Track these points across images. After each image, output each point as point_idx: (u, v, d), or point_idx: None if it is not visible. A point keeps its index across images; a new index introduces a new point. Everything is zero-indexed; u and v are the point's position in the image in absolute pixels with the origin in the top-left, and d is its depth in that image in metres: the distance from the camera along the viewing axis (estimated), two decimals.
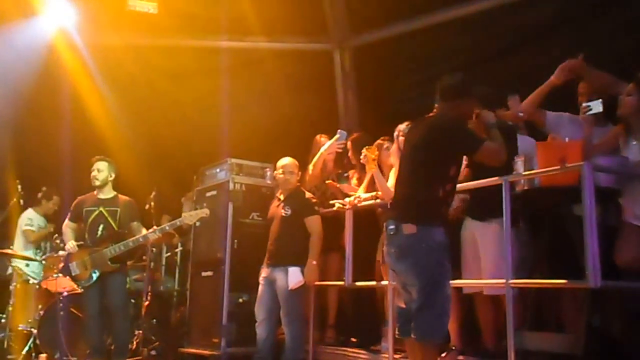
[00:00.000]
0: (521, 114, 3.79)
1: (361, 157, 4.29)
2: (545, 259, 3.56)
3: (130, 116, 6.63)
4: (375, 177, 4.19)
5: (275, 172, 4.83)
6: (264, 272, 4.63)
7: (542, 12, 5.33)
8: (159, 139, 6.83)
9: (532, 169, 3.35)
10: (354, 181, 4.81)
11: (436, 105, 3.15)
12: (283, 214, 4.60)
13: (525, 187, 3.42)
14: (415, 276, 2.92)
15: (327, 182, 4.96)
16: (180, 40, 6.33)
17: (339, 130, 4.86)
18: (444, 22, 5.90)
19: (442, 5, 5.84)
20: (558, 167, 3.16)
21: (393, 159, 4.22)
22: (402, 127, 4.07)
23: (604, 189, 3.27)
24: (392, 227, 3.00)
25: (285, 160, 4.77)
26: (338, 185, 4.84)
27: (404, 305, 3.04)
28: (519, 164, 3.42)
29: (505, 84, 4.96)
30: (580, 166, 3.05)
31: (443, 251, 2.93)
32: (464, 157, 3.36)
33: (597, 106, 3.52)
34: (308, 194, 4.73)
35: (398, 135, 4.14)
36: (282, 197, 4.72)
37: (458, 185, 3.31)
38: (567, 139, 3.35)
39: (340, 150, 4.90)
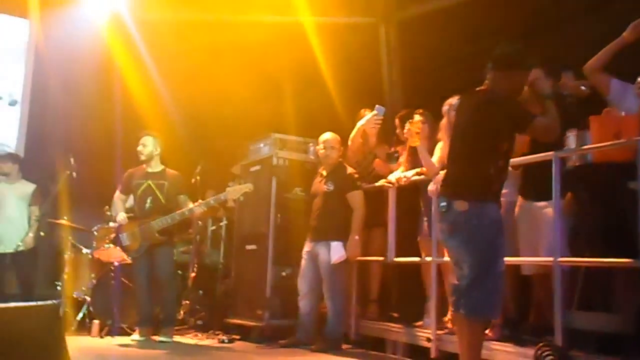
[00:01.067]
0: (584, 88, 3.60)
1: (404, 130, 4.24)
2: (597, 236, 3.45)
3: (176, 92, 6.73)
4: (420, 152, 4.14)
5: (317, 147, 4.83)
6: (306, 247, 4.67)
7: None
8: (205, 115, 6.92)
9: (586, 144, 3.24)
10: (402, 159, 4.76)
11: (487, 76, 3.04)
12: (325, 189, 4.62)
13: (577, 163, 3.31)
14: (468, 253, 2.89)
15: (375, 160, 4.93)
16: (223, 15, 6.33)
17: (376, 106, 4.80)
18: None
19: None
20: (612, 142, 3.04)
21: (442, 134, 4.15)
22: (453, 101, 3.95)
23: None
24: (444, 203, 2.97)
25: (327, 136, 4.77)
26: (385, 164, 4.79)
27: (457, 282, 3.03)
28: (571, 138, 3.31)
29: (557, 60, 4.78)
30: (637, 141, 2.92)
31: (496, 228, 2.89)
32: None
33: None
34: (350, 169, 4.72)
35: (449, 110, 4.03)
36: (324, 173, 4.73)
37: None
38: (623, 113, 3.22)
39: (378, 126, 4.85)
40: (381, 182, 4.57)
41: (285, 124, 5.89)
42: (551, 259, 3.28)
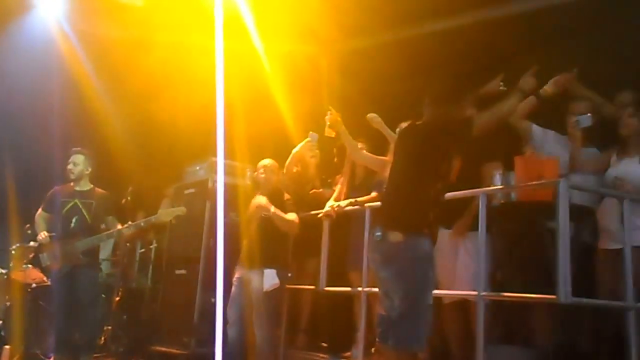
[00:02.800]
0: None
1: (326, 118, 4.31)
2: (518, 273, 3.59)
3: (115, 110, 6.55)
4: (345, 141, 4.16)
5: (256, 172, 4.80)
6: (237, 273, 4.59)
7: (536, 25, 5.40)
8: (142, 135, 6.77)
9: (510, 183, 3.39)
10: (339, 187, 4.80)
11: (425, 111, 3.08)
12: (263, 214, 4.58)
13: (502, 201, 3.45)
14: (399, 284, 2.90)
15: (311, 191, 4.95)
16: (166, 35, 6.27)
17: (310, 133, 4.85)
18: (434, 32, 5.94)
19: (433, 15, 5.87)
20: (535, 182, 3.20)
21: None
22: (405, 124, 3.99)
23: (579, 207, 3.32)
24: (378, 233, 2.97)
25: (266, 161, 4.76)
26: (320, 190, 4.83)
27: (384, 312, 3.04)
28: (497, 177, 3.45)
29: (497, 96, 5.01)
30: (556, 183, 3.08)
31: (428, 261, 2.92)
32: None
33: (586, 120, 3.57)
34: (287, 196, 4.71)
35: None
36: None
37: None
38: (544, 156, 3.40)
39: (313, 153, 4.89)
40: (318, 212, 4.57)
41: (226, 149, 5.82)
42: (475, 292, 3.37)
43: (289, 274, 4.50)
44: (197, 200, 5.26)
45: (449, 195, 3.49)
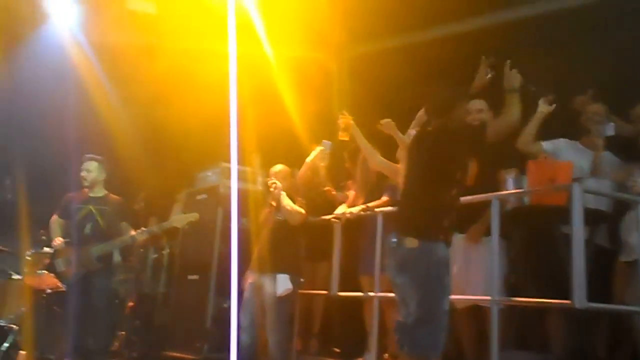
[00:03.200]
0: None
1: (339, 122, 4.31)
2: (532, 277, 3.57)
3: (127, 117, 6.60)
4: (358, 140, 4.16)
5: (268, 178, 4.81)
6: (250, 278, 4.60)
7: (534, 30, 5.41)
8: (154, 141, 6.81)
9: (523, 187, 3.37)
10: (351, 193, 4.81)
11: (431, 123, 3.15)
12: (276, 219, 4.59)
13: (515, 205, 3.44)
14: (415, 290, 2.90)
15: (325, 188, 4.97)
16: (180, 43, 6.32)
17: (323, 141, 4.86)
18: (443, 37, 5.95)
19: (442, 21, 5.88)
20: (548, 186, 3.18)
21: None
22: (413, 131, 3.89)
23: (593, 211, 3.29)
24: (394, 239, 2.98)
25: (278, 167, 4.78)
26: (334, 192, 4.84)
27: (402, 319, 3.03)
28: (510, 181, 3.44)
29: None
30: (570, 186, 3.06)
31: (444, 267, 2.92)
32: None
33: (609, 129, 3.55)
34: (299, 200, 4.72)
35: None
36: (274, 204, 4.71)
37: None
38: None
39: (325, 160, 4.90)
40: (329, 217, 4.58)
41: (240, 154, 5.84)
42: (489, 297, 3.35)
43: (301, 279, 4.50)
44: (209, 206, 5.29)
45: (462, 200, 3.51)
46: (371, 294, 4.17)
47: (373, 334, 4.08)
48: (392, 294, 3.94)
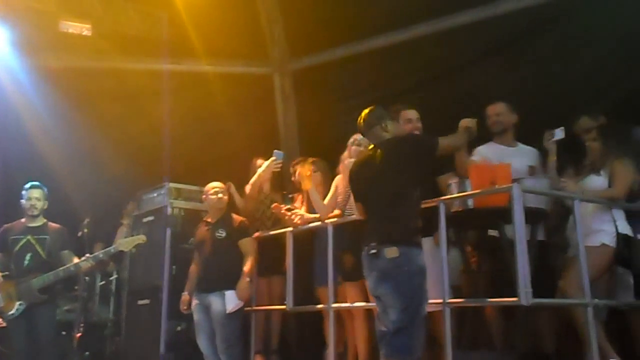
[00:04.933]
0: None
1: (295, 176, 4.28)
2: (480, 278, 3.65)
3: (69, 139, 6.40)
4: (310, 195, 4.19)
5: (206, 194, 4.74)
6: (196, 299, 4.51)
7: (479, 38, 5.59)
8: (95, 164, 6.62)
9: (466, 191, 3.45)
10: (297, 204, 4.80)
11: (367, 135, 3.29)
12: (217, 236, 4.54)
13: (459, 208, 3.52)
14: (397, 298, 2.96)
15: (273, 205, 4.95)
16: (116, 63, 6.19)
17: (274, 151, 4.85)
18: (383, 47, 6.07)
19: (381, 31, 6.00)
20: (489, 188, 3.27)
21: (342, 167, 4.21)
22: (358, 136, 4.01)
23: (533, 210, 3.40)
24: (373, 250, 3.02)
25: (216, 183, 4.74)
26: (283, 208, 4.81)
27: (384, 328, 3.05)
28: (453, 186, 3.52)
29: (443, 109, 5.15)
30: (510, 188, 3.16)
31: (423, 273, 3.00)
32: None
33: (560, 133, 3.69)
34: (238, 217, 4.70)
35: (354, 143, 4.10)
36: (212, 220, 4.66)
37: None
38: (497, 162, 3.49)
39: (277, 170, 4.89)
40: (284, 230, 4.55)
41: (182, 173, 5.76)
42: (440, 300, 3.41)
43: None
44: (157, 227, 5.17)
45: None
46: (324, 305, 4.16)
47: (330, 346, 4.07)
48: (346, 304, 3.99)
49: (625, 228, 3.54)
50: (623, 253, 3.49)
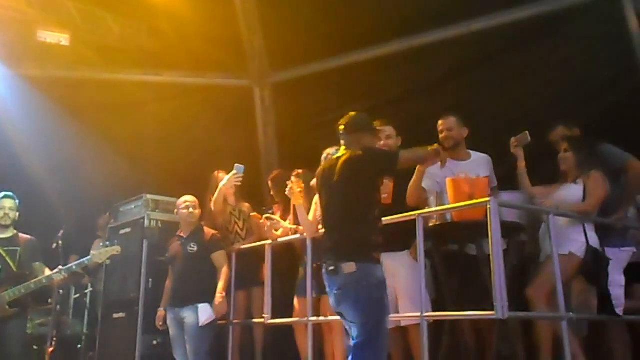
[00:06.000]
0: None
1: (286, 190, 4.27)
2: (457, 292, 3.67)
3: (46, 148, 6.31)
4: (298, 211, 4.18)
5: (177, 208, 4.73)
6: (170, 313, 4.48)
7: (456, 53, 5.67)
8: (72, 174, 6.52)
9: (444, 204, 3.48)
10: (277, 217, 4.78)
11: (341, 140, 3.26)
12: (189, 251, 4.52)
13: (437, 222, 3.54)
14: (356, 314, 2.94)
15: (252, 214, 4.92)
16: (94, 73, 6.14)
17: (235, 165, 4.83)
18: (362, 61, 6.12)
19: (360, 45, 6.05)
20: (466, 202, 3.30)
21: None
22: (331, 150, 4.00)
23: (509, 224, 3.44)
24: (331, 267, 3.01)
25: (188, 197, 4.73)
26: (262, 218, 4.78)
27: (350, 344, 3.03)
28: (431, 200, 3.55)
29: (422, 122, 5.20)
30: (487, 202, 3.19)
31: (382, 288, 2.97)
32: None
33: (525, 138, 3.75)
34: (210, 230, 4.67)
35: (326, 158, 4.06)
36: (184, 235, 4.65)
37: None
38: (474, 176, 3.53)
39: (238, 184, 4.86)
40: (262, 242, 4.53)
41: (159, 185, 5.70)
42: (418, 314, 3.41)
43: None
44: (134, 239, 5.10)
45: (387, 219, 3.57)
46: (304, 319, 4.13)
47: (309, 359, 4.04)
48: (324, 318, 3.97)
49: (595, 242, 3.59)
50: (589, 266, 3.52)
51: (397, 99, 5.97)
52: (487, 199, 3.21)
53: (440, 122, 4.01)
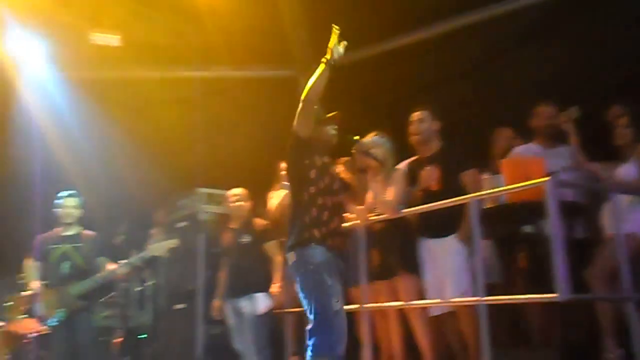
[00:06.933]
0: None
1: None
2: (516, 275, 3.59)
3: (98, 150, 6.54)
4: (373, 188, 4.15)
5: (227, 201, 4.81)
6: (228, 304, 4.58)
7: (508, 29, 5.51)
8: (127, 172, 6.74)
9: (499, 187, 3.40)
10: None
11: None
12: (242, 242, 4.60)
13: (492, 205, 3.46)
14: (304, 301, 2.99)
15: None
16: (144, 71, 6.29)
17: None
18: (407, 45, 6.03)
19: (404, 30, 5.96)
20: (522, 183, 3.21)
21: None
22: (370, 138, 3.98)
23: (569, 204, 3.33)
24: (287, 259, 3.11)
25: (237, 190, 4.80)
26: None
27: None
28: (486, 182, 3.47)
29: (467, 105, 5.09)
30: (544, 182, 3.10)
31: (322, 270, 2.97)
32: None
33: (575, 111, 3.63)
34: (261, 221, 4.73)
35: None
36: (235, 226, 4.72)
37: (424, 206, 3.44)
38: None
39: None
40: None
41: (210, 178, 5.82)
42: (476, 298, 3.36)
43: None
44: (190, 232, 5.24)
45: (439, 204, 3.53)
46: (356, 306, 4.14)
47: (366, 347, 4.05)
48: (378, 304, 3.97)
49: None
50: None
51: (440, 82, 5.86)
52: (545, 178, 3.11)
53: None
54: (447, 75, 5.81)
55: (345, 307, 4.25)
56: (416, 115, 3.90)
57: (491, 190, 3.42)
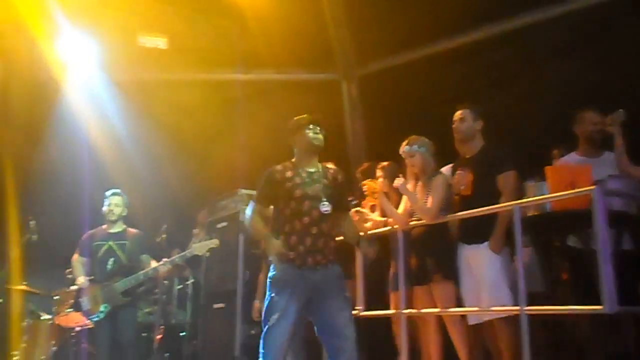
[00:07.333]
0: None
1: (364, 189, 4.25)
2: (560, 285, 3.50)
3: (143, 150, 6.71)
4: (383, 203, 4.15)
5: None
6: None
7: (542, 39, 5.40)
8: (170, 172, 6.89)
9: (543, 194, 3.33)
10: (366, 210, 4.78)
11: None
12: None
13: (535, 213, 3.39)
14: None
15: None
16: (189, 74, 6.42)
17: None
18: (449, 50, 5.97)
19: (447, 34, 5.91)
20: (568, 191, 3.14)
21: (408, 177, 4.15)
22: (408, 145, 3.97)
23: (617, 213, 3.23)
24: None
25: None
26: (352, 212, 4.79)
27: None
28: (530, 189, 3.40)
29: (510, 110, 5.00)
30: (591, 190, 3.02)
31: (274, 285, 3.12)
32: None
33: (622, 114, 3.52)
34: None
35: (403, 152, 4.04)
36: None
37: (463, 213, 3.46)
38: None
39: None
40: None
41: (251, 180, 5.88)
42: (518, 307, 3.30)
43: None
44: (230, 233, 5.30)
45: (481, 210, 3.48)
46: (394, 311, 4.12)
47: (403, 353, 4.02)
48: (416, 310, 3.93)
49: None
50: None
51: (486, 86, 5.77)
52: (592, 187, 3.04)
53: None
54: (494, 79, 5.72)
55: (383, 312, 4.29)
56: (458, 114, 3.84)
57: (535, 198, 3.35)
